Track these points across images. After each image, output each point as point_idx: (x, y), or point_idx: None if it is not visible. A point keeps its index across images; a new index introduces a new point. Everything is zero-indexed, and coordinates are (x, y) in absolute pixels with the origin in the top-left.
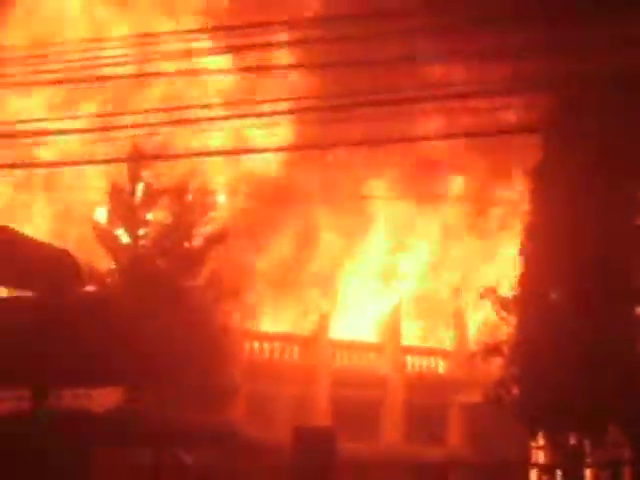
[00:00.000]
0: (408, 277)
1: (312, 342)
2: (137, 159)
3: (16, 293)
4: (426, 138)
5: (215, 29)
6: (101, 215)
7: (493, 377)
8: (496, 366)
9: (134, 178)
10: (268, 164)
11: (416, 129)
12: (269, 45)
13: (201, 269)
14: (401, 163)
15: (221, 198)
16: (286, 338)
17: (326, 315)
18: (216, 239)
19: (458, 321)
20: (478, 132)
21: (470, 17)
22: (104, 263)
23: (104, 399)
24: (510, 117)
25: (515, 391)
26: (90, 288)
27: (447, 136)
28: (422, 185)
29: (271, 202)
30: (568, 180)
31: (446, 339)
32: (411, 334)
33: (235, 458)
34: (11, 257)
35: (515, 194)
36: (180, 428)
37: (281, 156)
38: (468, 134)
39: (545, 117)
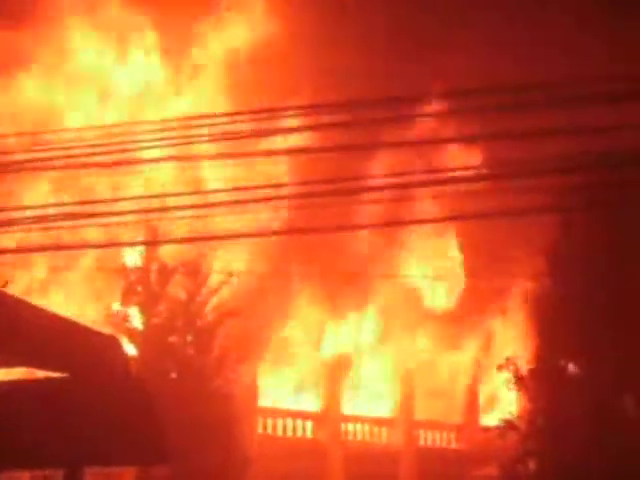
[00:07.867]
0: (418, 351)
1: (324, 417)
2: (153, 242)
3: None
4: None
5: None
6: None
7: (507, 451)
8: (509, 440)
9: (149, 257)
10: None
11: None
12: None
13: (212, 344)
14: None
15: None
16: (299, 414)
17: (338, 390)
18: (227, 315)
19: (470, 395)
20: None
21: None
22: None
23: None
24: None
25: (532, 466)
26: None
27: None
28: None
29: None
30: (586, 258)
31: (457, 413)
32: (423, 408)
33: None
34: (47, 339)
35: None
36: None
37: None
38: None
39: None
